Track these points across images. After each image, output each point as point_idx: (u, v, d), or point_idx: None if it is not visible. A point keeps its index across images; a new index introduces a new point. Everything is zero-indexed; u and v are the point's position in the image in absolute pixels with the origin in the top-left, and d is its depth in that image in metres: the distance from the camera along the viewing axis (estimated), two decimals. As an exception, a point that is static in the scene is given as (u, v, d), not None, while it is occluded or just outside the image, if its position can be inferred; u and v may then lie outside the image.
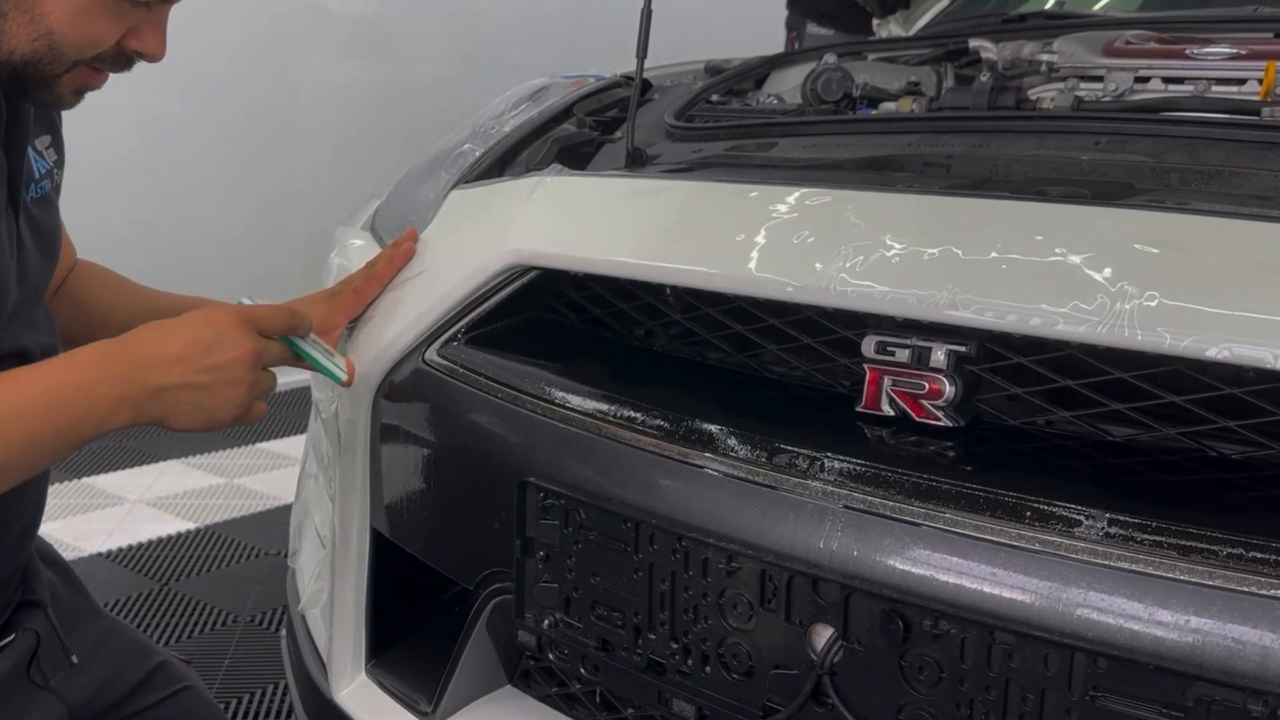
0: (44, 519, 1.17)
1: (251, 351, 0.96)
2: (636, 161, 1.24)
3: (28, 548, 1.13)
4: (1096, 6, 1.93)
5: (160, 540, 2.62)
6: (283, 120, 3.94)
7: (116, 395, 0.91)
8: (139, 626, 2.20)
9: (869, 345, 0.90)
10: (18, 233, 1.00)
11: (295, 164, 3.96)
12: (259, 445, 3.26)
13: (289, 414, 3.34)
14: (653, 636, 0.96)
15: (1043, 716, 0.75)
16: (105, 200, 3.19)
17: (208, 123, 3.75)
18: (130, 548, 2.58)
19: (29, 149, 1.02)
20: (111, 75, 1.00)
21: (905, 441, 0.89)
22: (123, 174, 3.48)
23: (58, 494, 2.84)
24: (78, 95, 0.99)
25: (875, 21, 2.27)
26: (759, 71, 1.55)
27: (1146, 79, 1.21)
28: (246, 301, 1.04)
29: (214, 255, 3.69)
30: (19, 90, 0.96)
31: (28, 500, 1.08)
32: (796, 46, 3.32)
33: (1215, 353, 0.74)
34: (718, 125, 1.30)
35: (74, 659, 1.14)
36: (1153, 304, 0.77)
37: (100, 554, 2.54)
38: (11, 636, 1.09)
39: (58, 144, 1.11)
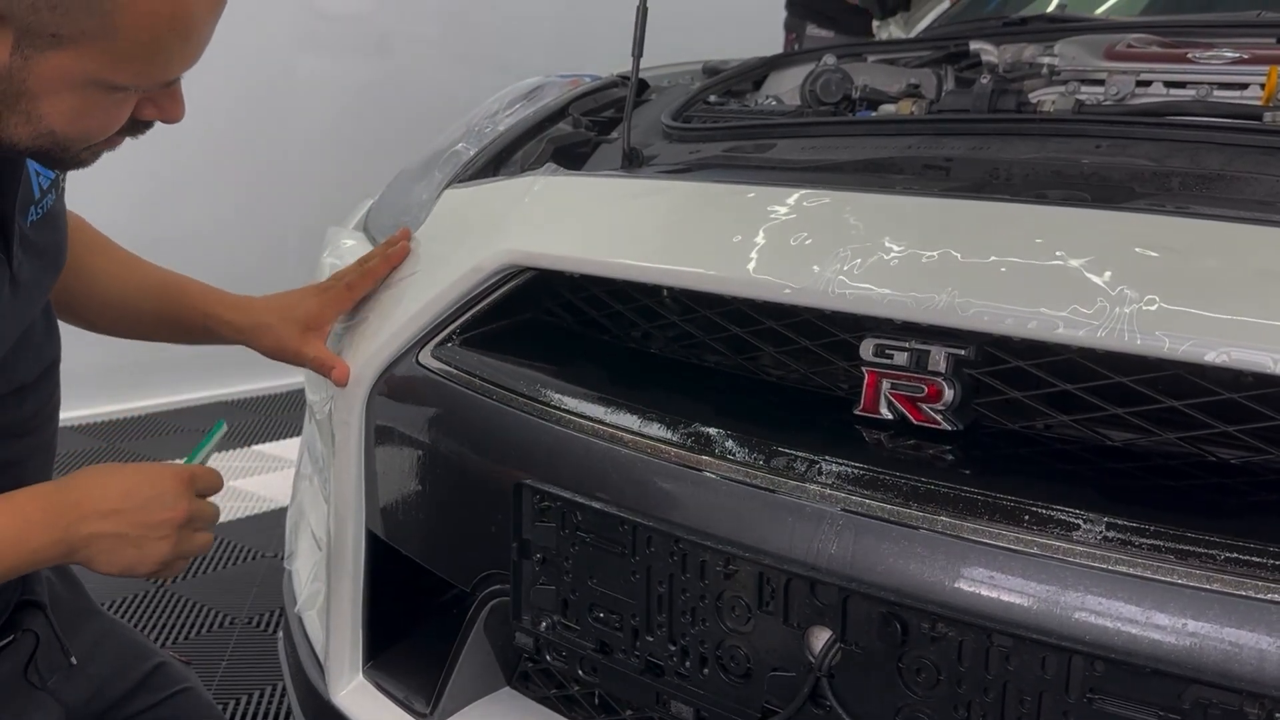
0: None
1: (184, 513, 0.99)
2: (633, 162, 1.24)
3: None
4: (1099, 10, 1.93)
5: (157, 541, 2.61)
6: (275, 119, 3.93)
7: (51, 540, 0.94)
8: (136, 628, 2.19)
9: (867, 348, 0.90)
10: (10, 274, 0.97)
11: (287, 163, 3.95)
12: (255, 448, 3.26)
13: (285, 416, 3.34)
14: (650, 638, 0.95)
15: (1040, 719, 0.75)
16: (95, 197, 3.18)
17: (200, 122, 3.72)
18: (127, 548, 2.57)
19: (31, 167, 1.00)
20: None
21: (903, 445, 0.89)
22: (113, 172, 3.46)
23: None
24: (97, 157, 0.96)
25: (875, 23, 2.26)
26: (757, 72, 1.54)
27: (1148, 83, 1.20)
28: None
29: (205, 254, 3.67)
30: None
31: None
32: (796, 48, 3.32)
33: (1214, 357, 0.73)
34: (715, 126, 1.30)
35: (73, 660, 1.13)
36: (1153, 308, 0.77)
37: (97, 554, 2.53)
38: (11, 638, 1.09)
39: None
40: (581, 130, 1.39)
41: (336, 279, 1.24)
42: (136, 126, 0.94)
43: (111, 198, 3.54)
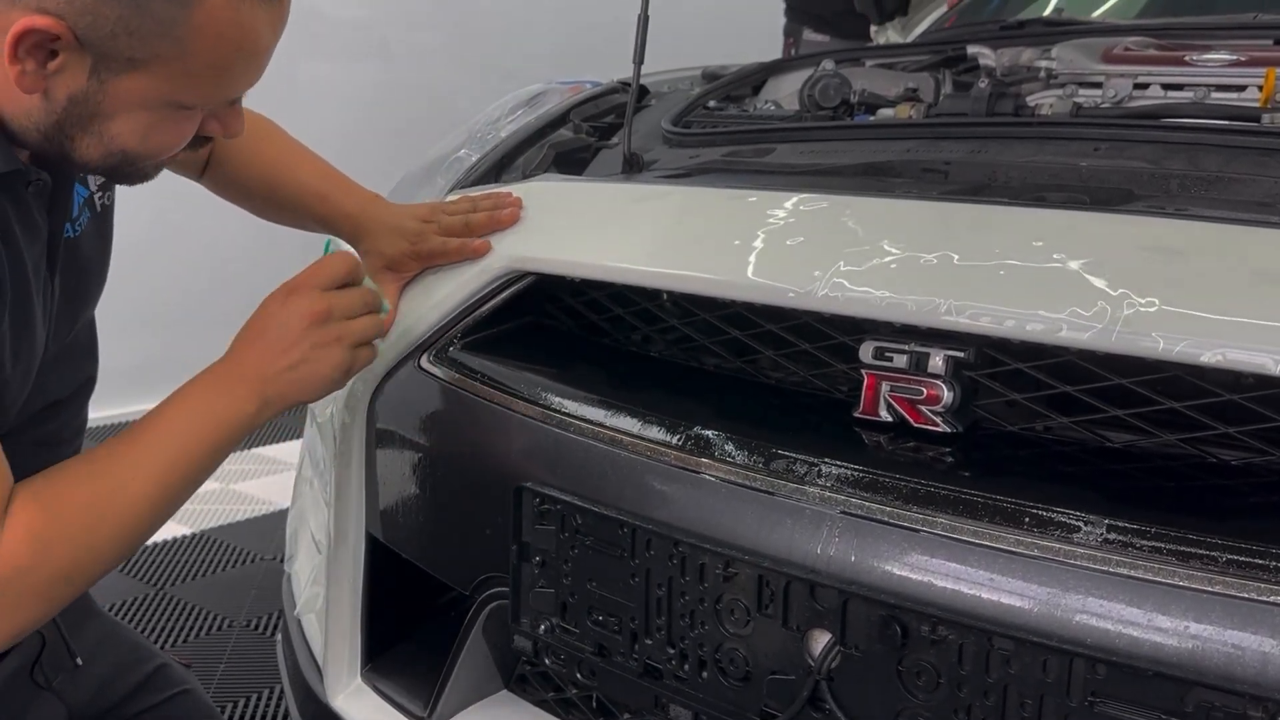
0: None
1: (323, 308, 0.99)
2: (633, 167, 1.24)
3: None
4: (1096, 13, 1.93)
5: (156, 545, 2.61)
6: (278, 124, 3.94)
7: (259, 403, 0.97)
8: (136, 630, 2.19)
9: (867, 351, 0.90)
10: (54, 289, 0.99)
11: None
12: (255, 450, 3.26)
13: (285, 418, 3.34)
14: (649, 642, 0.95)
15: (1041, 723, 0.75)
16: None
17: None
18: (126, 552, 2.57)
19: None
20: None
21: (903, 447, 0.89)
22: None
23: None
24: (158, 170, 0.99)
25: (873, 28, 2.27)
26: (756, 77, 1.55)
27: (1146, 85, 1.21)
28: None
29: (204, 260, 3.68)
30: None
31: None
32: (794, 53, 3.32)
33: (1214, 358, 0.73)
34: (715, 131, 1.30)
35: (78, 660, 1.14)
36: (1152, 310, 0.77)
37: (96, 559, 2.53)
38: None
39: None
40: (583, 136, 1.39)
41: (436, 214, 1.21)
42: (199, 141, 0.97)
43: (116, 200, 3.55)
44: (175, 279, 3.56)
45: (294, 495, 1.54)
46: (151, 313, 3.40)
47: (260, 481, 3.05)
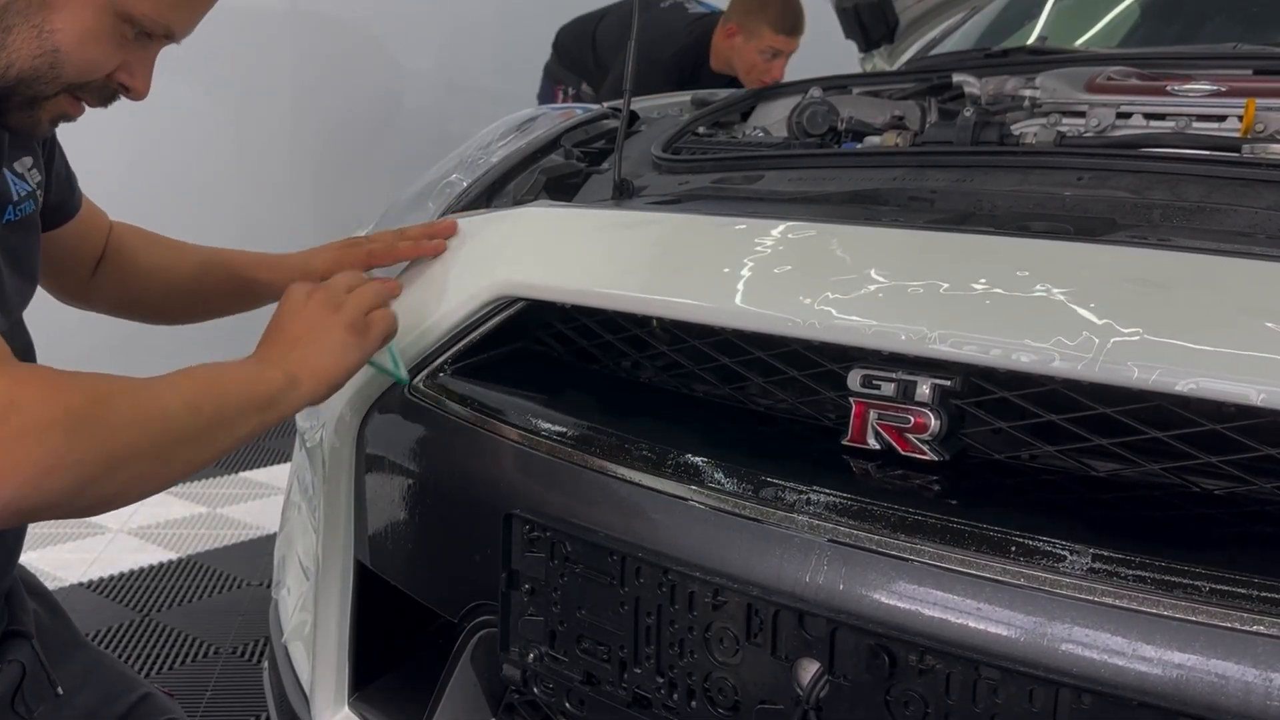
0: (24, 549, 1.16)
1: (326, 295, 1.05)
2: (623, 193, 1.25)
3: (10, 570, 1.13)
4: (1078, 42, 1.96)
5: (142, 570, 2.60)
6: (268, 152, 3.94)
7: (285, 382, 1.00)
8: (120, 658, 2.17)
9: (854, 379, 0.90)
10: None
11: (279, 195, 3.96)
12: (242, 474, 3.24)
13: (273, 442, 3.33)
14: (638, 670, 0.95)
15: (1028, 752, 0.75)
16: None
17: (190, 148, 3.74)
18: (111, 578, 2.55)
19: (6, 171, 1.02)
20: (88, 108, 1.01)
21: (890, 475, 0.89)
22: (103, 191, 3.46)
23: (38, 523, 2.81)
24: (54, 124, 1.00)
25: (859, 55, 2.29)
26: (745, 104, 1.56)
27: (1128, 115, 1.22)
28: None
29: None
30: None
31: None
32: (566, 96, 3.38)
33: (1197, 389, 0.74)
34: (704, 157, 1.31)
35: (59, 690, 1.13)
36: (1135, 339, 0.77)
37: (81, 584, 2.51)
38: None
39: (40, 166, 1.10)
40: (573, 162, 1.40)
41: (361, 241, 1.27)
42: (104, 92, 0.99)
43: (108, 212, 3.55)
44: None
45: (282, 520, 1.54)
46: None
47: (248, 506, 3.04)
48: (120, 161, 3.40)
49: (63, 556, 2.65)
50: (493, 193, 1.38)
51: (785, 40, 3.16)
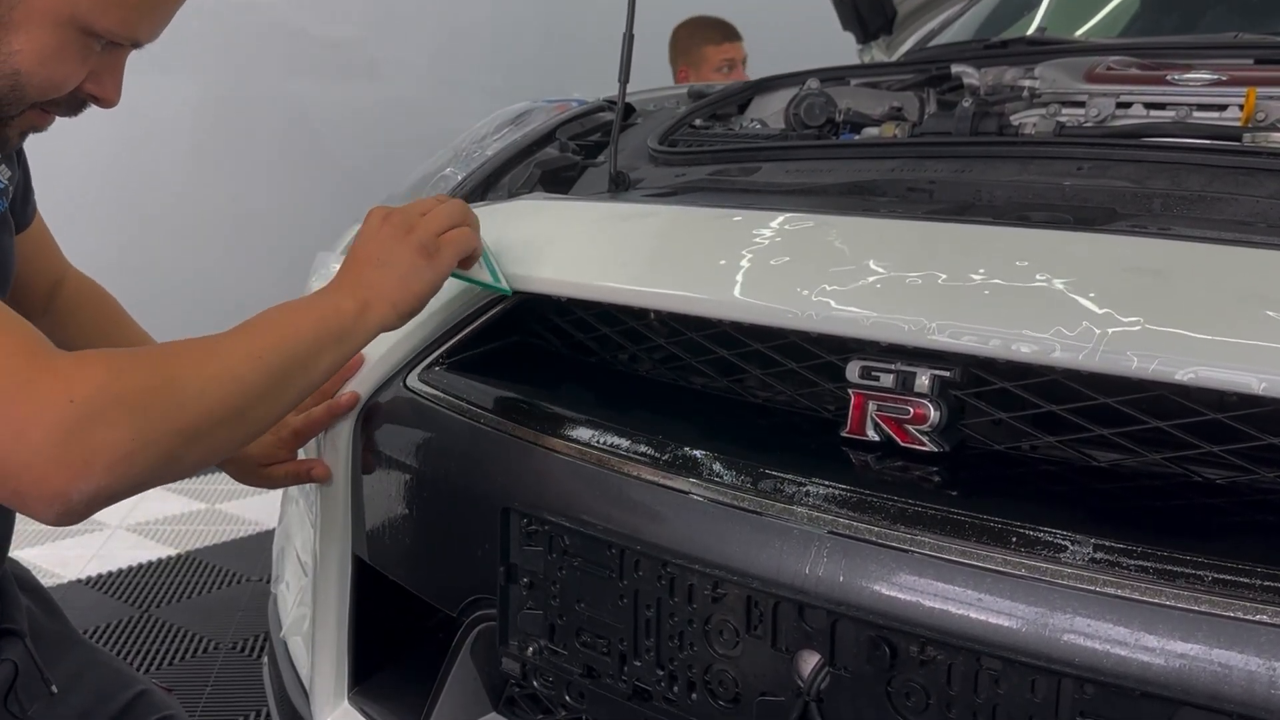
0: (23, 545, 1.16)
1: (388, 223, 1.03)
2: (619, 186, 1.25)
3: (0, 565, 1.12)
4: (1078, 32, 1.95)
5: (141, 566, 2.60)
6: (264, 144, 3.93)
7: (343, 298, 0.99)
8: (119, 654, 2.17)
9: (853, 370, 0.90)
10: None
11: (275, 188, 3.95)
12: (242, 469, 3.24)
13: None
14: (638, 663, 0.95)
15: (1030, 743, 0.75)
16: (78, 222, 3.18)
17: (186, 145, 3.74)
18: (110, 574, 2.55)
19: None
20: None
21: (890, 467, 0.89)
22: (97, 196, 3.46)
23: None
24: (23, 137, 0.98)
25: (858, 47, 2.28)
26: (742, 96, 1.55)
27: (1128, 104, 1.22)
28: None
29: (192, 278, 3.67)
30: None
31: None
32: None
33: (1197, 377, 0.74)
34: (701, 150, 1.31)
35: (53, 689, 1.12)
36: (1136, 329, 0.77)
37: (80, 580, 2.51)
38: None
39: (9, 162, 1.08)
40: (569, 154, 1.39)
41: (282, 425, 1.21)
42: (73, 103, 0.96)
43: (100, 225, 3.55)
44: (125, 299, 3.55)
45: (280, 516, 1.54)
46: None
47: (246, 502, 3.03)
48: (110, 141, 3.39)
49: (62, 553, 2.65)
50: (488, 186, 1.38)
51: (730, 47, 3.31)
